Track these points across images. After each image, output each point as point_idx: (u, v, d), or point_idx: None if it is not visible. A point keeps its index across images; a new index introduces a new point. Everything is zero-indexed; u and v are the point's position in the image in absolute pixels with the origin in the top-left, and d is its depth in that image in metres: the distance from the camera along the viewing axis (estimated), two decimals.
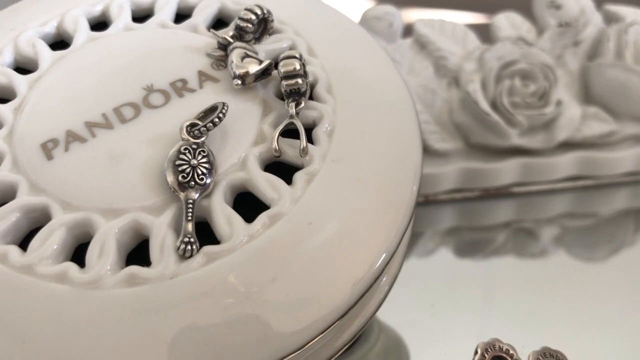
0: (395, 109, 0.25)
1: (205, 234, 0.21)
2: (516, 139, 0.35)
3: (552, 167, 0.35)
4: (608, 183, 0.37)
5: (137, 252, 0.22)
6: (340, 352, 0.24)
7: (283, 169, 0.23)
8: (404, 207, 0.23)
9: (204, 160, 0.21)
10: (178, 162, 0.21)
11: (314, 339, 0.20)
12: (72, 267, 0.20)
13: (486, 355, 0.23)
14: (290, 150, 0.23)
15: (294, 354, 0.20)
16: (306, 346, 0.20)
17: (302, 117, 0.23)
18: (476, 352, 0.24)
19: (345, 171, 0.22)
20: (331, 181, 0.22)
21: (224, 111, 0.22)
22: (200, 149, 0.22)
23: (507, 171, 0.35)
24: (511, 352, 0.24)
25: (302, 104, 0.23)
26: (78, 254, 0.21)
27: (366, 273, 0.21)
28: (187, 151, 0.21)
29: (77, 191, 0.22)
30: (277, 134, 0.23)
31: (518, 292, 0.33)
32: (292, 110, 0.23)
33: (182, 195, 0.21)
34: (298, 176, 0.22)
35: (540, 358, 0.23)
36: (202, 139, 0.22)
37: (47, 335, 0.20)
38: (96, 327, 0.20)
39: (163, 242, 0.21)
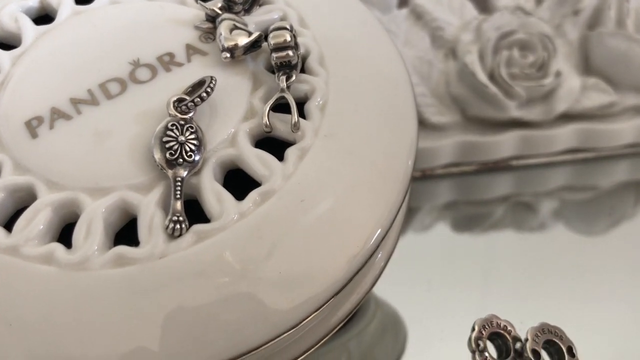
0: (390, 82, 0.25)
1: (195, 212, 0.21)
2: (514, 111, 0.34)
3: (551, 140, 0.35)
4: (608, 155, 0.37)
5: (125, 232, 0.21)
6: (336, 329, 0.23)
7: (274, 145, 0.22)
8: (399, 182, 0.22)
9: (192, 136, 0.21)
10: (165, 138, 0.21)
11: (308, 317, 0.20)
12: (58, 247, 0.20)
13: (483, 332, 0.23)
14: (281, 125, 0.22)
15: (289, 332, 0.20)
16: (301, 324, 0.20)
17: (294, 90, 0.23)
18: (473, 329, 0.23)
19: (339, 146, 0.22)
20: (324, 157, 0.22)
21: (212, 85, 0.21)
22: (188, 125, 0.21)
23: (505, 144, 0.35)
24: (509, 328, 0.24)
25: (294, 77, 0.23)
26: (65, 234, 0.21)
27: (361, 249, 0.21)
28: (174, 127, 0.21)
29: (63, 170, 0.21)
30: (267, 109, 0.22)
31: (516, 267, 0.33)
32: (283, 84, 0.22)
33: (170, 172, 0.20)
34: (290, 152, 0.22)
35: (539, 334, 0.23)
36: (190, 114, 0.21)
37: (34, 317, 0.19)
38: (84, 309, 0.19)
39: (151, 221, 0.20)
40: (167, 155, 0.20)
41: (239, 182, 0.22)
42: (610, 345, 0.27)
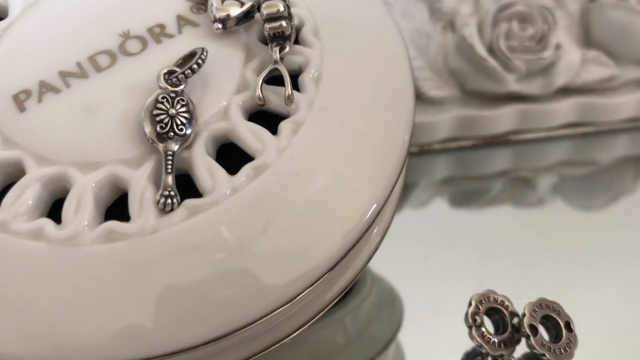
0: (386, 55, 0.24)
1: (187, 187, 0.20)
2: (513, 84, 0.34)
3: (550, 114, 0.35)
4: (608, 130, 0.37)
5: (116, 207, 0.21)
6: (332, 304, 0.23)
7: (267, 118, 0.22)
8: (395, 157, 0.22)
9: (183, 109, 0.20)
10: (156, 111, 0.20)
11: (303, 292, 0.20)
12: (48, 223, 0.20)
13: (480, 307, 0.23)
14: (274, 98, 0.22)
15: (284, 307, 0.20)
16: (295, 299, 0.20)
17: (287, 62, 0.22)
18: (470, 304, 0.23)
19: (333, 120, 0.21)
20: (318, 130, 0.21)
21: (203, 57, 0.21)
22: (179, 98, 0.21)
23: (503, 118, 0.34)
24: (506, 303, 0.24)
25: (287, 49, 0.22)
26: (54, 210, 0.21)
27: (356, 224, 0.21)
28: (165, 100, 0.20)
29: (52, 144, 0.21)
30: (260, 81, 0.21)
31: (514, 242, 0.33)
32: (277, 56, 0.22)
33: (161, 146, 0.20)
34: (283, 125, 0.21)
35: (537, 309, 0.23)
36: (181, 87, 0.21)
37: (23, 295, 0.19)
38: (75, 285, 0.19)
39: (142, 196, 0.20)
40: (158, 128, 0.20)
41: (231, 156, 0.21)
42: (608, 320, 0.27)
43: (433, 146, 0.35)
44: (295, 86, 0.22)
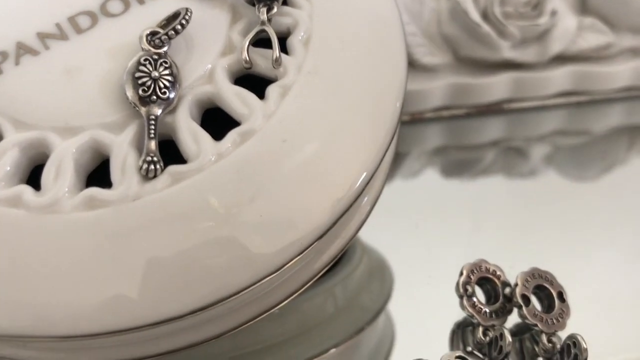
0: (378, 18, 0.23)
1: (171, 153, 0.20)
2: (508, 51, 0.33)
3: (544, 82, 0.34)
4: (602, 99, 0.36)
5: (98, 174, 0.20)
6: (321, 273, 0.23)
7: (254, 82, 0.21)
8: (387, 124, 0.21)
9: (167, 72, 0.20)
10: (138, 74, 0.20)
11: (291, 261, 0.19)
12: (26, 190, 0.19)
13: (472, 277, 0.23)
14: (262, 61, 0.21)
15: (271, 276, 0.19)
16: (284, 268, 0.19)
17: (275, 24, 0.21)
18: (461, 274, 0.23)
19: (323, 84, 0.21)
20: (307, 95, 0.20)
21: (187, 17, 0.20)
22: (162, 60, 0.20)
23: (497, 86, 0.34)
24: (498, 273, 0.23)
25: (275, 10, 0.21)
26: (34, 176, 0.20)
27: (346, 193, 0.20)
28: (147, 62, 0.20)
29: (31, 108, 0.20)
30: (247, 43, 0.21)
31: (507, 212, 0.32)
32: (264, 17, 0.21)
33: (143, 110, 0.19)
34: (271, 90, 0.20)
35: (529, 279, 0.23)
36: (164, 49, 0.20)
37: (2, 263, 0.18)
38: (55, 254, 0.18)
39: (124, 162, 0.19)
40: (140, 91, 0.19)
41: (217, 122, 0.20)
42: (601, 290, 0.27)
43: (425, 115, 0.35)
44: (284, 49, 0.21)
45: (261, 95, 0.20)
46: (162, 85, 0.20)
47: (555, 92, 0.35)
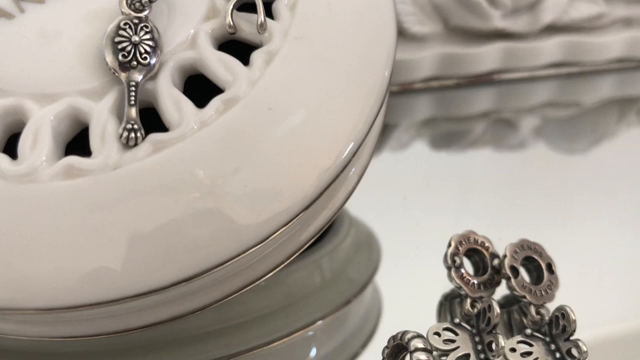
0: None
1: (152, 121, 0.19)
2: (499, 21, 0.33)
3: (535, 52, 0.34)
4: (593, 70, 0.36)
5: (78, 144, 0.19)
6: (307, 245, 0.22)
7: (239, 48, 0.20)
8: (375, 93, 0.21)
9: (147, 37, 0.19)
10: (117, 39, 0.19)
11: (277, 232, 0.19)
12: (3, 158, 0.19)
13: (460, 248, 0.22)
14: (246, 26, 0.20)
15: (257, 247, 0.19)
16: (269, 239, 0.19)
17: None
18: (449, 245, 0.22)
19: (309, 50, 0.20)
20: (293, 61, 0.20)
21: None
22: (142, 24, 0.19)
23: (488, 56, 0.33)
24: (487, 244, 0.23)
25: None
26: (10, 145, 0.19)
27: (333, 163, 0.20)
28: (127, 26, 0.19)
29: (6, 74, 0.20)
30: (231, 8, 0.20)
31: (495, 185, 0.32)
32: None
33: (123, 76, 0.19)
34: (256, 56, 0.20)
35: (518, 250, 0.22)
36: (145, 12, 0.19)
37: None
38: (34, 225, 0.18)
39: (104, 130, 0.19)
40: (120, 57, 0.19)
41: (200, 90, 0.20)
42: (590, 262, 0.27)
43: (415, 85, 0.34)
44: (269, 13, 0.21)
45: (246, 61, 0.20)
46: (142, 51, 0.19)
47: (546, 62, 0.35)
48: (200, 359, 0.22)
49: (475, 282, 0.22)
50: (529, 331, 0.21)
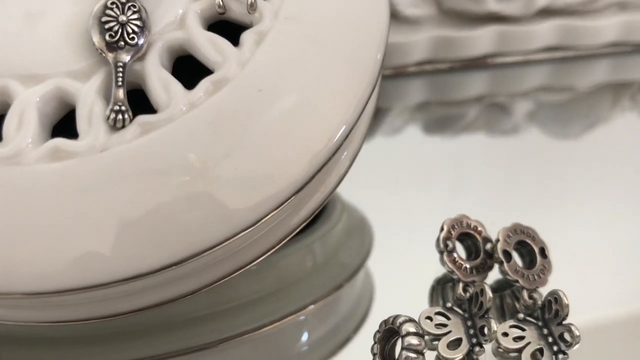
0: None
1: (140, 103, 0.19)
2: (493, 4, 0.32)
3: (529, 36, 0.34)
4: (587, 54, 0.35)
5: (65, 126, 0.19)
6: (299, 229, 0.22)
7: (228, 29, 0.20)
8: (367, 76, 0.21)
9: (135, 16, 0.19)
10: (105, 18, 0.19)
11: (267, 216, 0.19)
12: None
13: (452, 232, 0.22)
14: (236, 6, 0.20)
15: (247, 231, 0.19)
16: (260, 223, 0.19)
17: None
18: (442, 229, 0.22)
19: (301, 31, 0.20)
20: (284, 42, 0.20)
21: None
22: (130, 4, 0.19)
23: (482, 40, 0.33)
24: (479, 228, 0.23)
25: None
26: None
27: (324, 147, 0.19)
28: (114, 6, 0.19)
29: None
30: None
31: (488, 169, 0.32)
32: None
33: (110, 57, 0.18)
34: (246, 36, 0.20)
35: (511, 234, 0.22)
36: None
37: None
38: (19, 208, 0.18)
39: (91, 111, 0.18)
40: (107, 37, 0.18)
41: (189, 71, 0.20)
42: (583, 247, 0.26)
43: (408, 69, 0.34)
44: None
45: (235, 42, 0.20)
46: (130, 31, 0.19)
47: (540, 46, 0.34)
48: (190, 343, 0.22)
49: (468, 266, 0.22)
50: (521, 315, 0.20)
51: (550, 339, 0.20)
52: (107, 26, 0.19)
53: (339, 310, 0.24)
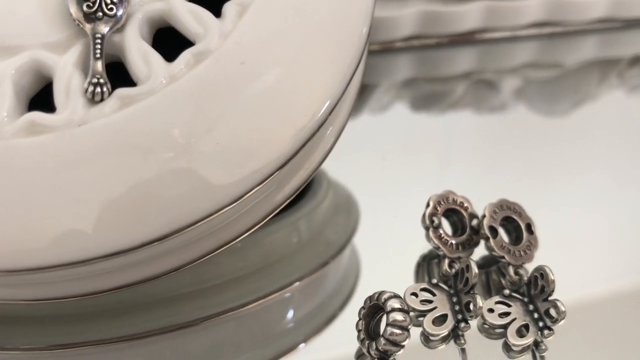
0: None
1: (120, 76, 0.18)
2: None
3: (518, 11, 0.33)
4: (576, 30, 0.35)
5: (42, 100, 0.19)
6: (283, 205, 0.22)
7: (210, 0, 0.19)
8: (352, 50, 0.20)
9: None
10: None
11: (251, 191, 0.18)
12: None
13: (438, 208, 0.22)
14: None
15: (230, 207, 0.18)
16: (243, 198, 0.18)
17: None
18: (428, 205, 0.22)
19: (284, 3, 0.19)
20: (267, 13, 0.19)
21: None
22: None
23: (470, 15, 0.33)
24: (465, 204, 0.23)
25: None
26: None
27: (308, 121, 0.19)
28: None
29: None
30: None
31: (475, 146, 0.32)
32: None
33: (88, 28, 0.18)
34: (228, 7, 0.19)
35: (497, 211, 0.22)
36: None
37: None
38: None
39: (69, 84, 0.18)
40: (85, 7, 0.18)
41: (170, 44, 0.19)
42: (570, 223, 0.26)
43: (395, 44, 0.33)
44: None
45: (217, 13, 0.19)
46: (108, 1, 0.18)
47: (528, 22, 0.34)
48: (174, 321, 0.22)
49: (454, 242, 0.22)
50: (507, 292, 0.20)
51: (535, 315, 0.20)
52: None
53: (325, 287, 0.24)
